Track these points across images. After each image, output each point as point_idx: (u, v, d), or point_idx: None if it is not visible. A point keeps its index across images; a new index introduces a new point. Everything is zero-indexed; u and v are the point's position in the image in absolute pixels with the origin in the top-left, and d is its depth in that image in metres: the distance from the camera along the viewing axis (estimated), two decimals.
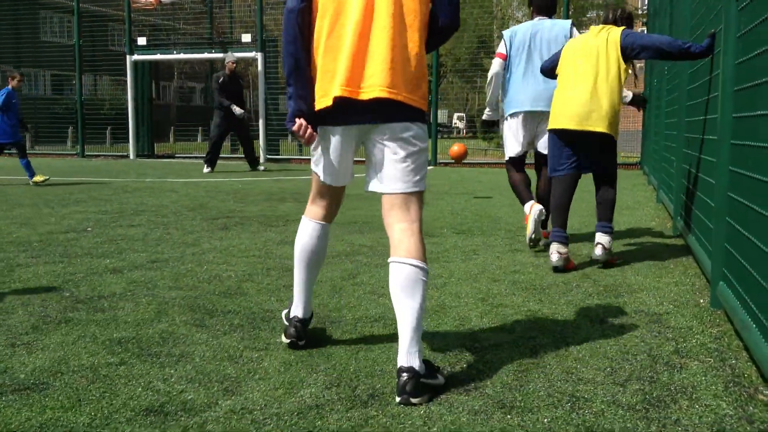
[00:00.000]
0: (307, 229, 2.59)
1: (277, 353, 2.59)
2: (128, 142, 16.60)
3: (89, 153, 17.20)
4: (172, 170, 12.54)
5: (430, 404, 2.12)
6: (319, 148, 2.44)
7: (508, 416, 2.03)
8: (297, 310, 2.65)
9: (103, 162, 15.22)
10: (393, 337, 2.77)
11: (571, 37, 4.71)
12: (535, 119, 4.81)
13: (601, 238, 4.15)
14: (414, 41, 2.27)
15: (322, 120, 2.35)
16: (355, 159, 2.54)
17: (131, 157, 16.45)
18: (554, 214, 4.24)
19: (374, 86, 2.23)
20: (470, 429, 1.95)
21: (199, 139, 26.73)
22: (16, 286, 3.60)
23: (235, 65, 12.37)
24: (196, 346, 2.66)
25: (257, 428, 1.95)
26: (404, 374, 2.12)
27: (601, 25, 4.26)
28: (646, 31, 14.20)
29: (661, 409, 2.09)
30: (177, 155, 17.58)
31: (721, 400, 2.15)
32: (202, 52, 16.38)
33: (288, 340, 2.62)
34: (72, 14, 17.05)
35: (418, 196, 2.35)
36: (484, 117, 5.30)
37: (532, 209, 4.60)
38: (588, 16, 27.22)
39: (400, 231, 2.31)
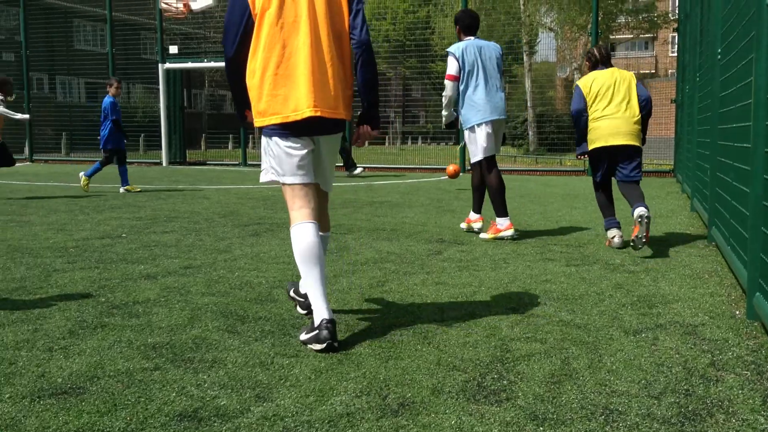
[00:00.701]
0: (307, 231, 2.84)
1: (307, 360, 2.60)
2: (161, 149, 16.85)
3: None
4: (204, 177, 12.70)
5: (461, 415, 2.11)
6: (286, 162, 2.89)
7: (541, 428, 2.02)
8: (324, 312, 2.73)
9: (136, 169, 15.45)
10: (423, 346, 2.77)
11: (502, 56, 5.71)
12: (500, 126, 5.68)
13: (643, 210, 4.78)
14: (348, 72, 2.95)
15: (286, 134, 2.86)
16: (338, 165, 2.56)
17: (164, 164, 16.69)
18: (607, 208, 5.34)
19: (325, 108, 2.83)
20: None
21: (230, 146, 27.00)
22: (53, 291, 3.68)
23: None
24: (229, 352, 2.69)
25: None
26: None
27: (611, 68, 5.27)
28: (676, 37, 14.04)
29: (697, 423, 2.05)
30: (208, 162, 17.78)
31: (759, 415, 2.11)
32: None
33: (324, 344, 2.68)
34: (105, 23, 17.38)
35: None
36: (445, 121, 5.93)
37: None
38: (618, 21, 26.97)
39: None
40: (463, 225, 6.04)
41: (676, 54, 14.43)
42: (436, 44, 22.62)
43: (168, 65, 16.37)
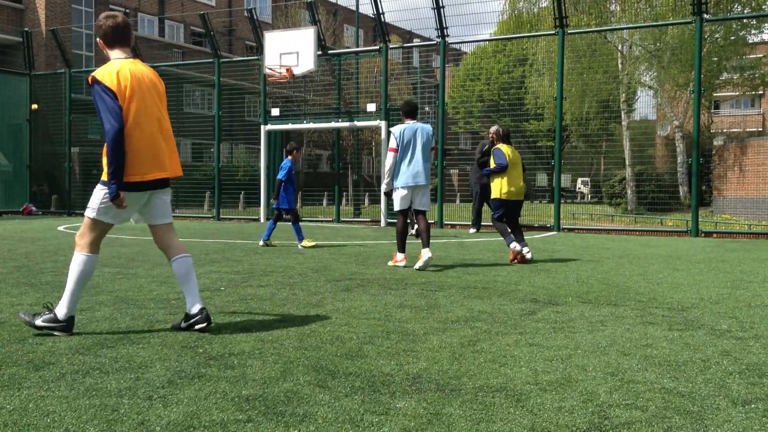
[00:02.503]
0: (93, 262, 3.99)
1: (396, 419, 2.57)
2: (259, 206, 17.48)
3: (224, 216, 18.26)
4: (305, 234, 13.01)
5: None
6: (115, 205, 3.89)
7: None
8: (67, 309, 3.94)
9: (236, 225, 16.07)
10: (516, 409, 2.68)
11: (433, 135, 7.64)
12: (417, 189, 7.54)
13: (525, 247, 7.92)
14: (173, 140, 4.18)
15: (131, 187, 3.94)
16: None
17: (262, 220, 17.27)
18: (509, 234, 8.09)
19: (170, 170, 4.10)
20: None
21: (325, 203, 27.69)
22: (155, 341, 3.84)
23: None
24: (319, 407, 2.70)
25: None
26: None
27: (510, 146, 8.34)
28: None
29: None
30: (304, 219, 18.26)
31: None
32: (330, 121, 17.17)
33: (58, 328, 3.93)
34: (213, 88, 18.46)
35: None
36: (384, 190, 7.77)
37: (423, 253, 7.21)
38: (722, 78, 26.09)
39: (174, 240, 4.21)
40: (391, 263, 7.65)
41: None
42: (530, 103, 22.59)
43: (269, 127, 17.13)
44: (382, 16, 15.61)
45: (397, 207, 7.60)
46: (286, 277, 6.52)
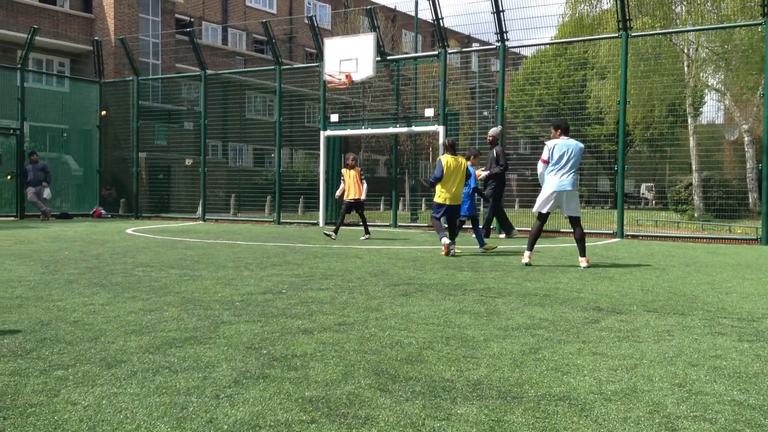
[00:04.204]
0: None
1: (458, 425, 2.58)
2: (318, 210, 17.70)
3: (284, 220, 18.54)
4: (356, 237, 13.13)
5: None
6: None
7: None
8: None
9: (295, 229, 16.31)
10: (580, 419, 2.65)
11: (582, 150, 8.17)
12: (563, 195, 8.11)
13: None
14: None
15: None
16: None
17: (320, 224, 17.47)
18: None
19: None
20: None
21: (381, 208, 27.80)
22: (220, 341, 3.94)
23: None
24: (381, 411, 2.73)
25: None
26: None
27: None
28: None
29: None
30: (361, 223, 18.37)
31: None
32: (387, 127, 17.25)
33: None
34: (274, 94, 18.80)
35: None
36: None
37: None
38: None
39: None
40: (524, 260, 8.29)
41: None
42: (591, 107, 22.18)
43: (329, 132, 17.33)
44: (441, 21, 15.61)
45: (536, 207, 8.30)
46: (345, 281, 6.58)
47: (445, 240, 9.30)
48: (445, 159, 9.40)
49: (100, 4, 28.51)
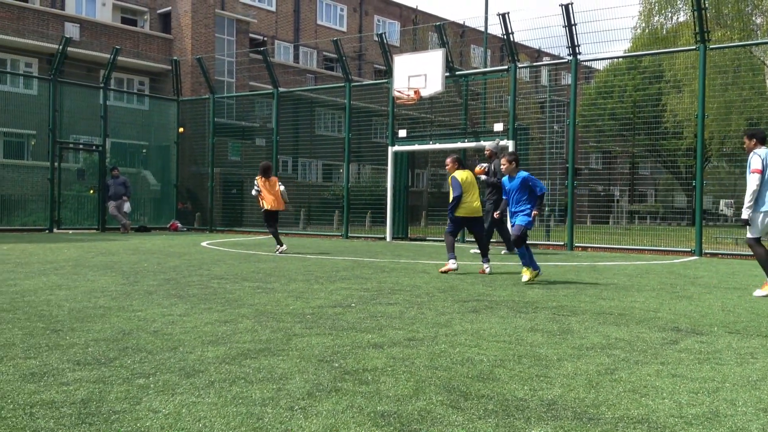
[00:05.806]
0: None
1: None
2: (385, 224, 17.79)
3: (351, 234, 18.72)
4: (423, 252, 13.13)
5: None
6: None
7: None
8: None
9: (363, 243, 16.43)
10: None
11: None
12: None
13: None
14: None
15: None
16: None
17: (387, 239, 17.56)
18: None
19: None
20: None
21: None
22: (293, 353, 4.00)
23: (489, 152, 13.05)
24: (453, 428, 2.71)
25: None
26: None
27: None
28: None
29: None
30: (428, 238, 18.37)
31: None
32: (456, 142, 17.23)
33: None
34: (343, 111, 19.07)
35: None
36: (744, 216, 7.17)
37: None
38: None
39: None
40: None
41: None
42: (668, 121, 21.55)
43: (396, 148, 17.44)
44: (510, 35, 15.52)
45: (750, 233, 7.16)
46: (413, 296, 6.59)
47: (452, 265, 8.89)
48: (459, 175, 9.11)
49: (178, 25, 29.68)
